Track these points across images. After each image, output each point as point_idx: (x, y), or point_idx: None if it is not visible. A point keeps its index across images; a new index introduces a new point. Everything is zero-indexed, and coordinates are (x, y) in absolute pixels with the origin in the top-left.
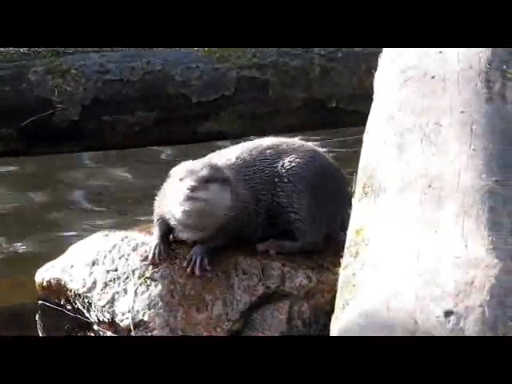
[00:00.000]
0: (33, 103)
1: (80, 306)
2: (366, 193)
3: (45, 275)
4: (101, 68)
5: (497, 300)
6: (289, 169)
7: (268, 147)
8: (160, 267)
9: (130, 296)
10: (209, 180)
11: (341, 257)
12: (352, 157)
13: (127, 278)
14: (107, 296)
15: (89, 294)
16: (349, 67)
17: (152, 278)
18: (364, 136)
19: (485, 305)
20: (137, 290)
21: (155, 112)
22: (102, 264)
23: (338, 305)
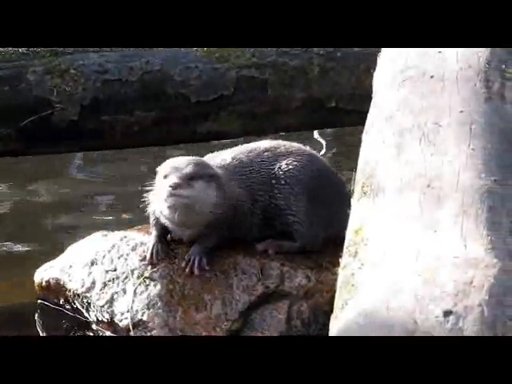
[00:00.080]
0: (32, 103)
1: (79, 306)
2: (365, 192)
3: (44, 275)
4: (100, 68)
5: (496, 300)
6: (286, 171)
7: (266, 149)
8: (159, 267)
9: (129, 296)
10: (193, 177)
11: (340, 257)
12: (351, 156)
13: (126, 278)
14: (106, 296)
15: (88, 294)
16: (348, 67)
17: (151, 278)
18: (363, 136)
19: (484, 304)
20: (136, 290)
21: (154, 112)
22: (101, 264)
23: (337, 305)
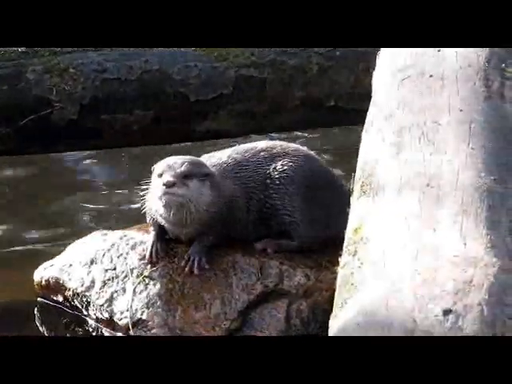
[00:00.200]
0: (31, 102)
1: (78, 305)
2: (365, 191)
3: (43, 274)
4: (99, 67)
5: (495, 298)
6: (281, 171)
7: (262, 150)
8: (158, 266)
9: (129, 295)
10: (187, 176)
11: (339, 255)
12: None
13: (126, 277)
14: (106, 295)
15: (87, 293)
16: (347, 66)
17: (150, 277)
18: (362, 134)
19: (483, 303)
20: (135, 289)
21: (153, 111)
22: (101, 263)
23: (337, 303)
